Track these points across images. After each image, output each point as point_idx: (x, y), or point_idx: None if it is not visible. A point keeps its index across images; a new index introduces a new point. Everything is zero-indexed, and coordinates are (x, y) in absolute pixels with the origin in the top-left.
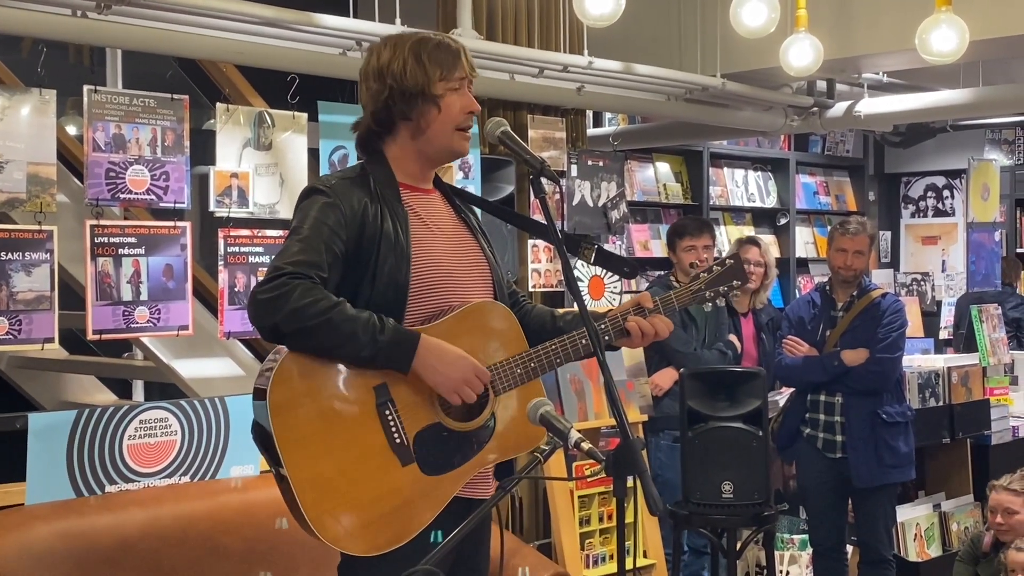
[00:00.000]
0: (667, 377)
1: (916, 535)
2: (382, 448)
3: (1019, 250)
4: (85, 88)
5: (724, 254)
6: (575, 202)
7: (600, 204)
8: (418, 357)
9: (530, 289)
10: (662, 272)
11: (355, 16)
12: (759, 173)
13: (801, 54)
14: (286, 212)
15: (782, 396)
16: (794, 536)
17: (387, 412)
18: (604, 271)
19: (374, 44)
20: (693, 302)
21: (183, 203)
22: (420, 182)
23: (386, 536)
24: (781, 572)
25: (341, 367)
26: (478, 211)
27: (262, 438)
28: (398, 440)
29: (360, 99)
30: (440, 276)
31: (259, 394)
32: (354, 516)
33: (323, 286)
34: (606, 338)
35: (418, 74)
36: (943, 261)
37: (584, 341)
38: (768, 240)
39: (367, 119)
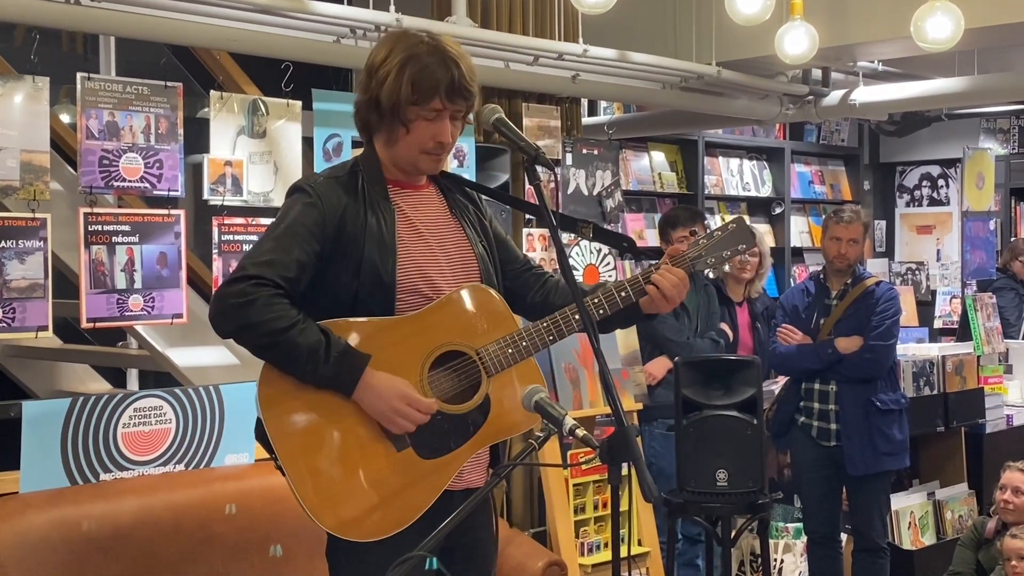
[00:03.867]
0: (660, 366)
1: (910, 523)
2: (376, 435)
3: (1013, 240)
4: (78, 75)
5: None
6: (570, 191)
7: (595, 193)
8: (359, 389)
9: None
10: (654, 261)
11: (349, 3)
12: (754, 162)
13: (796, 42)
14: (280, 200)
15: (776, 384)
16: (788, 524)
17: None
18: (599, 256)
19: (385, 35)
20: (694, 268)
21: (177, 191)
22: (409, 177)
23: (388, 522)
24: (775, 560)
25: None
26: (481, 200)
27: (260, 431)
28: None
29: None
30: (425, 271)
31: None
32: (352, 504)
33: (288, 287)
34: (622, 294)
35: (393, 92)
36: (938, 250)
37: (576, 316)
38: (763, 229)
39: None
